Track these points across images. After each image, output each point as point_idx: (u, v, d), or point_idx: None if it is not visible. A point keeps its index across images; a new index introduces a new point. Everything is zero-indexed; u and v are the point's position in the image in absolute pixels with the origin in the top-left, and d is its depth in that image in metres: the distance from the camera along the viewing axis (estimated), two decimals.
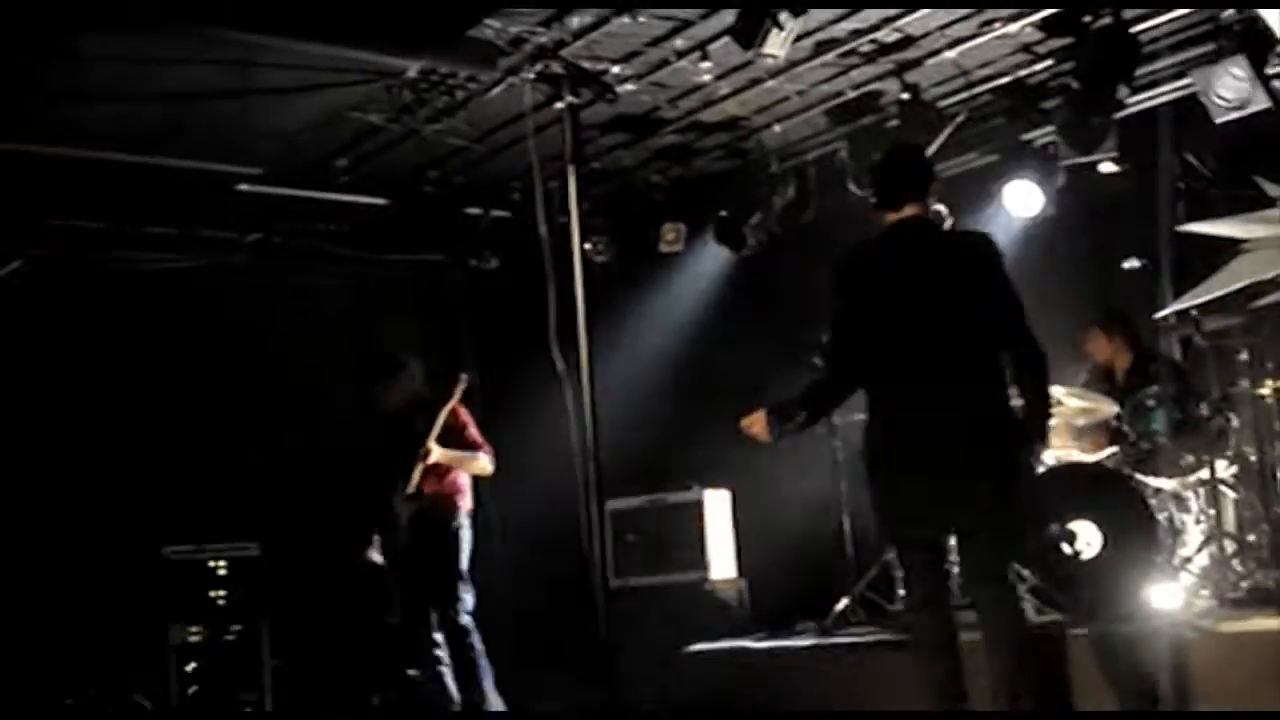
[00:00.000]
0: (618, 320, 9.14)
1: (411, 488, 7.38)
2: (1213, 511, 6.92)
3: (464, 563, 7.45)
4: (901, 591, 7.78)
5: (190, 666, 8.06)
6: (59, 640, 7.76)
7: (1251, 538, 6.95)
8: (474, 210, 9.37)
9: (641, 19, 6.75)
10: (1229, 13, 7.14)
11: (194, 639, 8.08)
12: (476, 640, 7.38)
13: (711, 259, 9.63)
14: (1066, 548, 6.99)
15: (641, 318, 9.66)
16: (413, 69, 7.14)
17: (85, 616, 7.86)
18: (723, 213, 9.32)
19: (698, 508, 8.94)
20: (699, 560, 8.85)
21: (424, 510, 7.46)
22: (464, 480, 7.58)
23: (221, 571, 8.21)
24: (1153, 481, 7.09)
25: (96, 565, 8.00)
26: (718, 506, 9.05)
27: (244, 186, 8.55)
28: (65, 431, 8.24)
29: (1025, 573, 7.11)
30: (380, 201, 9.18)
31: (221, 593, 8.20)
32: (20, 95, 6.91)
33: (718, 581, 8.82)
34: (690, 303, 9.59)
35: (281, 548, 8.39)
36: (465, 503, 7.56)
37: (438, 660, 7.39)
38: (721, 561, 8.97)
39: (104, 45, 6.44)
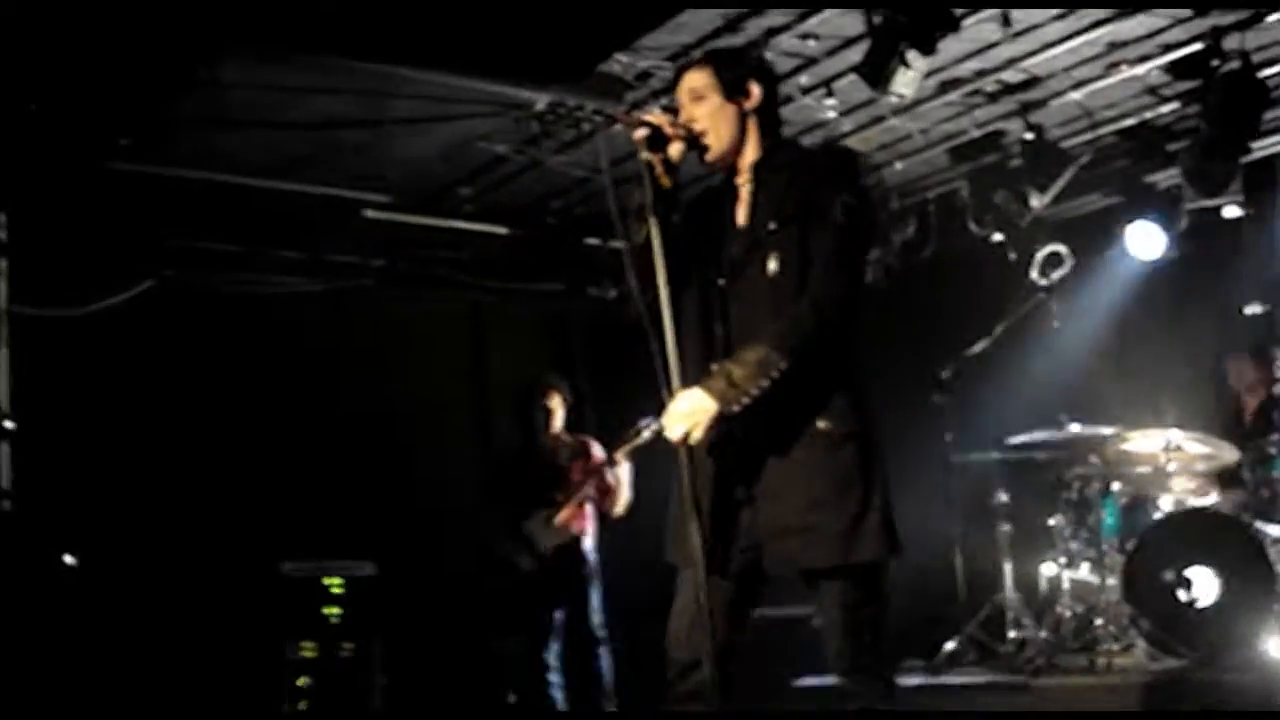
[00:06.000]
0: None
1: (560, 520, 7.73)
2: None
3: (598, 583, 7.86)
4: (1012, 634, 7.76)
5: (303, 682, 8.16)
6: (178, 650, 7.91)
7: None
8: (594, 241, 9.46)
9: (768, 55, 6.81)
10: None
11: (308, 655, 8.18)
12: (605, 652, 7.78)
13: None
14: (1183, 594, 6.92)
15: None
16: (541, 101, 7.26)
17: (205, 628, 8.01)
18: None
19: None
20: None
21: (567, 544, 7.79)
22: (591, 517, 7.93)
23: (337, 590, 8.31)
24: (1272, 530, 6.99)
25: (218, 579, 8.15)
26: None
27: (370, 213, 8.74)
28: (190, 449, 8.41)
29: (1141, 619, 7.07)
30: (502, 230, 9.31)
31: (336, 610, 8.29)
32: (161, 120, 7.13)
33: None
34: None
35: (397, 568, 8.49)
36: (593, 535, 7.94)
37: (549, 683, 7.72)
38: None
39: (244, 73, 6.62)
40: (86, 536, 7.43)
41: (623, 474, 7.72)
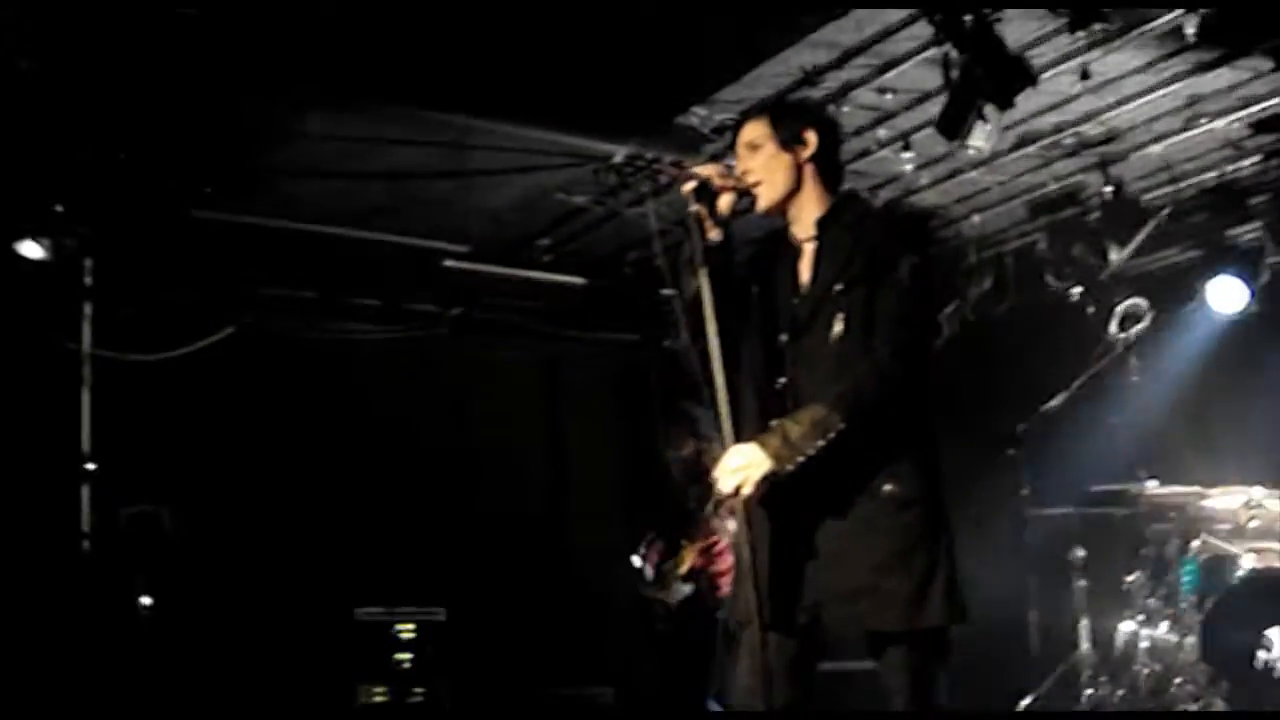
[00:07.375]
0: None
1: (684, 568, 7.43)
2: None
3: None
4: (1088, 692, 7.66)
5: None
6: (251, 694, 7.96)
7: None
8: (670, 292, 9.45)
9: (845, 109, 6.82)
10: None
11: (379, 699, 8.22)
12: None
13: None
14: (1263, 655, 6.81)
15: None
16: (619, 154, 7.31)
17: (278, 672, 8.07)
18: None
19: None
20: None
21: (693, 598, 7.45)
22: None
23: (408, 635, 8.35)
24: None
25: (291, 623, 8.21)
26: None
27: (450, 263, 8.83)
28: (267, 494, 8.49)
29: (1220, 679, 6.97)
30: (579, 281, 9.37)
31: (407, 655, 8.33)
32: (245, 170, 7.26)
33: None
34: None
35: (469, 614, 8.52)
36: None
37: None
38: None
39: (327, 125, 6.73)
40: (163, 579, 7.52)
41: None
